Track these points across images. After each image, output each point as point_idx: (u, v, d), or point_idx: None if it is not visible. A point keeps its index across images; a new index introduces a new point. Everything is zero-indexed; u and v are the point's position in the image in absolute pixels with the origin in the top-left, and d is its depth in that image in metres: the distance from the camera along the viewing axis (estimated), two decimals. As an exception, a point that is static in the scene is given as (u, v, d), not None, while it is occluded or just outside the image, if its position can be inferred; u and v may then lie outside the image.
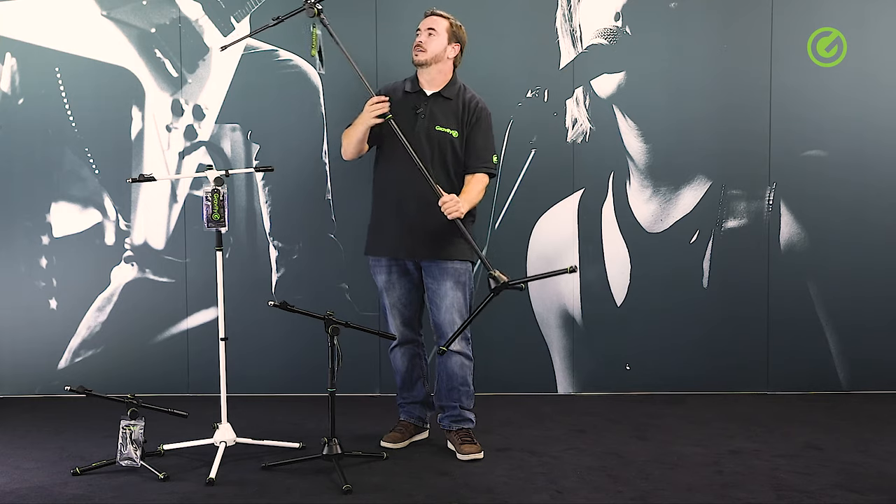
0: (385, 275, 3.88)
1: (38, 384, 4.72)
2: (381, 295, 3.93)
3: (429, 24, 3.83)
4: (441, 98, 3.84)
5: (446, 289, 3.77)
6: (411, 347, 3.94)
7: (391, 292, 3.88)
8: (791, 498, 3.25)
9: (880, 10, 4.69)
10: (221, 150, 4.67)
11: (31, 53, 4.63)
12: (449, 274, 3.78)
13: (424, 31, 3.83)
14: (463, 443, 3.75)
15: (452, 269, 3.79)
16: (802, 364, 4.78)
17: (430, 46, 3.81)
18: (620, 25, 4.66)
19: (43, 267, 4.70)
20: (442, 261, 3.78)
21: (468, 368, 3.83)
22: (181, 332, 4.73)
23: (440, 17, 3.85)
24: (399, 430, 3.93)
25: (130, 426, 3.52)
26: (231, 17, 4.63)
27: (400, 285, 3.87)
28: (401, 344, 3.91)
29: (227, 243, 4.66)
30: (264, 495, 3.30)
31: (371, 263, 3.94)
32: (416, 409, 3.97)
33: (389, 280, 3.88)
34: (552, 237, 4.72)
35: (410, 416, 3.97)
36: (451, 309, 3.77)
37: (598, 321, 4.75)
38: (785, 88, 4.68)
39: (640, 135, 4.70)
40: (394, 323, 3.90)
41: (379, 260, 3.89)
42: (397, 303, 3.88)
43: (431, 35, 3.81)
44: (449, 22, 3.85)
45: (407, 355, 3.93)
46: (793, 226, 4.74)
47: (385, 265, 3.88)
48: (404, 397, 3.98)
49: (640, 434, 4.06)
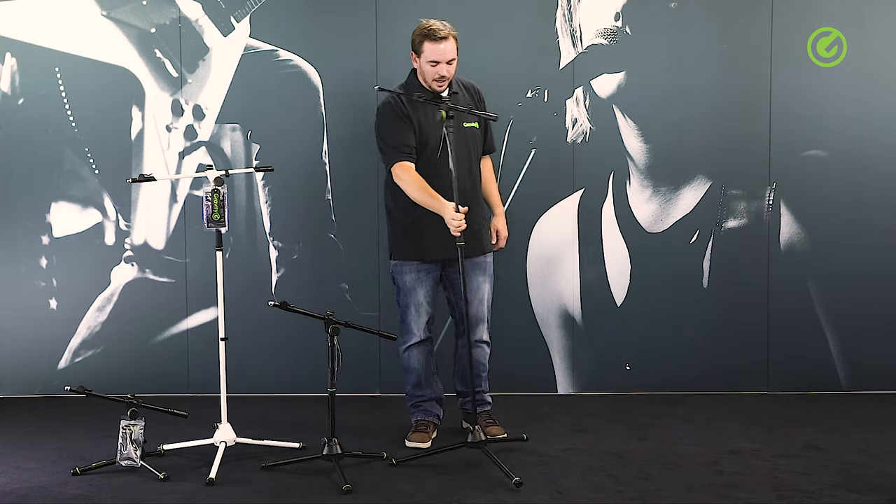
0: (413, 273, 3.89)
1: (38, 384, 4.72)
2: (406, 294, 3.91)
3: (449, 56, 3.75)
4: (453, 94, 3.86)
5: (479, 282, 3.93)
6: (427, 345, 3.97)
7: (419, 291, 3.90)
8: (791, 498, 3.25)
9: (880, 10, 4.69)
10: (221, 150, 4.67)
11: (31, 53, 4.63)
12: (481, 267, 3.94)
13: (444, 63, 3.75)
14: (488, 425, 3.91)
15: (484, 263, 3.96)
16: (802, 364, 4.77)
17: (451, 74, 3.81)
18: (620, 25, 4.66)
19: (43, 267, 4.70)
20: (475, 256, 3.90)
21: (488, 355, 4.04)
22: (181, 332, 4.72)
23: (451, 39, 3.77)
24: (421, 429, 3.93)
25: (130, 426, 3.52)
26: (231, 17, 4.63)
27: (427, 283, 3.91)
28: (419, 343, 3.92)
29: (227, 243, 4.66)
30: (264, 495, 3.30)
31: (394, 265, 3.96)
32: (433, 406, 4.01)
33: (418, 278, 3.89)
34: (552, 237, 4.72)
35: (428, 413, 3.99)
36: (483, 301, 3.95)
37: (598, 321, 4.75)
38: (785, 88, 4.68)
39: (640, 135, 4.70)
40: (418, 322, 3.91)
41: (409, 262, 3.91)
42: (424, 301, 3.91)
43: (451, 63, 3.78)
44: (454, 37, 3.79)
45: (423, 354, 3.95)
46: (793, 226, 4.74)
47: (414, 266, 3.90)
48: (419, 396, 3.99)
49: (640, 434, 4.06)
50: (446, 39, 3.74)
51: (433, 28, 3.76)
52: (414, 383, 3.98)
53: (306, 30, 4.67)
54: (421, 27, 3.81)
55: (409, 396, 4.03)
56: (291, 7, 4.69)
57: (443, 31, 3.75)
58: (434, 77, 3.77)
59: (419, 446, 3.84)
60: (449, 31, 3.77)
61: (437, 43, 3.74)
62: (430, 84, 3.81)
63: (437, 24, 3.78)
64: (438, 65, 3.75)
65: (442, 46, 3.73)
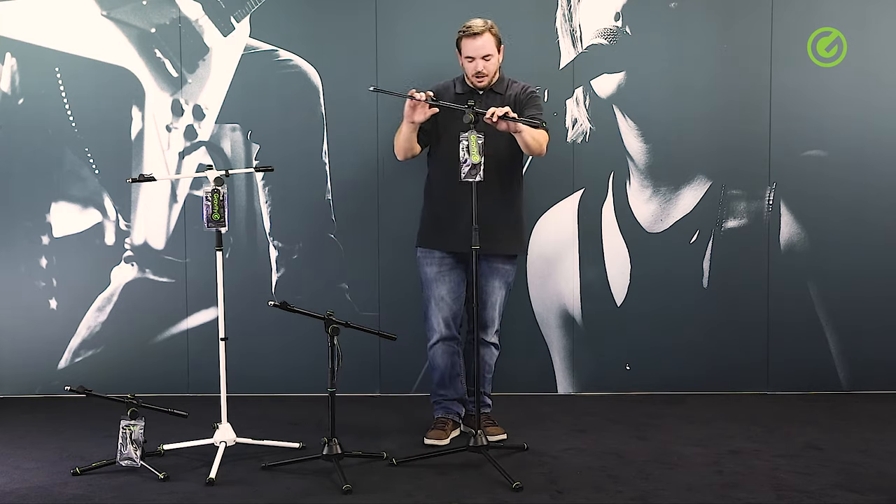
0: (436, 266, 3.93)
1: (38, 384, 4.72)
2: (428, 287, 3.95)
3: (483, 52, 3.78)
4: (493, 93, 3.88)
5: (494, 287, 3.95)
6: (452, 345, 3.96)
7: (440, 285, 3.92)
8: (791, 498, 3.25)
9: (880, 10, 4.69)
10: (221, 150, 4.67)
11: (31, 53, 4.63)
12: (500, 274, 3.95)
13: (479, 58, 3.79)
14: (487, 425, 3.91)
15: (503, 270, 3.96)
16: (802, 364, 4.77)
17: (489, 70, 3.82)
18: (620, 25, 4.66)
19: (43, 267, 4.70)
20: (493, 259, 3.90)
21: (495, 357, 4.07)
22: (181, 332, 4.73)
23: (487, 34, 3.78)
24: (440, 426, 3.94)
25: (130, 426, 3.52)
26: (231, 16, 4.63)
27: (450, 278, 3.93)
28: (442, 340, 3.93)
29: (227, 243, 4.66)
30: (264, 495, 3.30)
31: (419, 255, 4.00)
32: (454, 405, 4.02)
33: (440, 272, 3.92)
34: (552, 237, 4.72)
35: (448, 412, 4.00)
36: (495, 306, 3.97)
37: (598, 321, 4.75)
38: (785, 88, 4.68)
39: (640, 135, 4.70)
40: (438, 316, 3.92)
41: (431, 252, 3.95)
42: (447, 296, 3.92)
43: (488, 59, 3.80)
44: (492, 34, 3.81)
45: (448, 353, 3.95)
46: (793, 226, 4.74)
47: (437, 257, 3.93)
48: (441, 394, 4.01)
49: (640, 434, 4.06)
50: (480, 35, 3.77)
51: (469, 24, 3.81)
52: (437, 381, 3.99)
53: (306, 30, 4.67)
54: (463, 26, 3.84)
55: (432, 393, 4.06)
56: (291, 7, 4.69)
57: (478, 27, 3.78)
58: (472, 72, 3.82)
59: (436, 443, 3.86)
60: (486, 27, 3.79)
61: (471, 39, 3.79)
62: (471, 80, 3.85)
63: (474, 21, 3.82)
64: (474, 60, 3.80)
65: (477, 42, 3.77)
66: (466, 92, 3.89)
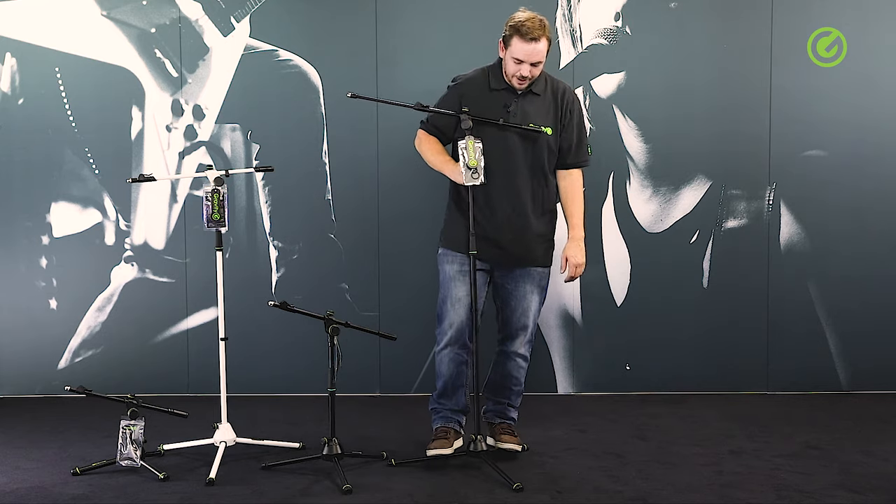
0: (457, 265, 3.64)
1: (38, 384, 4.72)
2: (445, 285, 3.66)
3: (536, 59, 3.48)
4: (531, 94, 3.61)
5: (526, 291, 3.70)
6: (461, 353, 3.66)
7: (459, 285, 3.62)
8: (791, 498, 3.25)
9: (880, 10, 4.69)
10: (221, 150, 4.67)
11: (31, 53, 4.63)
12: (532, 278, 3.71)
13: (528, 64, 3.49)
14: (503, 433, 3.74)
15: (535, 273, 3.71)
16: (802, 364, 4.77)
17: (534, 75, 3.55)
18: (620, 25, 4.66)
19: (43, 267, 4.70)
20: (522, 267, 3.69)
21: (524, 370, 3.81)
22: (181, 332, 4.73)
23: (544, 40, 3.47)
24: (441, 436, 3.67)
25: (130, 426, 3.52)
26: (231, 16, 4.63)
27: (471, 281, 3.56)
28: (451, 345, 3.64)
29: (227, 243, 4.66)
30: (264, 495, 3.30)
31: (442, 252, 3.71)
32: (455, 415, 3.75)
33: (461, 271, 3.62)
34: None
35: (448, 420, 3.74)
36: (527, 312, 3.71)
37: (598, 321, 4.75)
38: (785, 89, 4.67)
39: (640, 135, 4.70)
40: (452, 319, 3.62)
41: (456, 253, 3.65)
42: (465, 297, 3.60)
43: (537, 65, 3.52)
44: (548, 38, 3.50)
45: (455, 361, 3.67)
46: (793, 226, 4.74)
47: (459, 258, 3.63)
48: (442, 403, 3.74)
49: (640, 434, 4.06)
50: (538, 41, 3.46)
51: (526, 25, 3.45)
52: (440, 389, 3.73)
53: (306, 30, 4.67)
54: (515, 19, 3.50)
55: (431, 401, 3.81)
56: (291, 7, 4.69)
57: (537, 30, 3.45)
58: (515, 74, 3.53)
59: (441, 453, 3.59)
60: (543, 31, 3.47)
61: (526, 42, 3.46)
62: (511, 80, 3.57)
63: (532, 22, 3.46)
64: (522, 64, 3.50)
65: (531, 47, 3.46)
66: (503, 90, 3.60)
